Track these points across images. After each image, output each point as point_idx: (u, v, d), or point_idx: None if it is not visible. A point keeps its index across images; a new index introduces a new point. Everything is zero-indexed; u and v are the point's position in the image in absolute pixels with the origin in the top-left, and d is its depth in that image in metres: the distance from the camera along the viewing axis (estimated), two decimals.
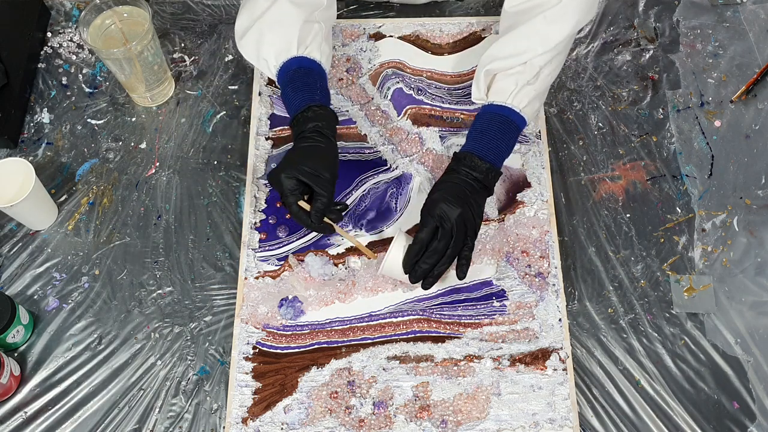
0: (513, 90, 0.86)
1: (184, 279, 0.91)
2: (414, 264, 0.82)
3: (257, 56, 0.90)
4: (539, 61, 0.86)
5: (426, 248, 0.82)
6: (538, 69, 0.86)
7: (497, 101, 0.87)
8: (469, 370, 0.85)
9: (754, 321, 0.88)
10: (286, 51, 0.88)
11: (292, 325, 0.87)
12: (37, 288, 0.91)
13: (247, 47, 0.91)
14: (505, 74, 0.87)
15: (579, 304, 0.89)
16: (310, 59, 0.89)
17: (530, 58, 0.85)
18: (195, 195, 0.97)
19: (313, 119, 0.85)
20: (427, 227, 0.82)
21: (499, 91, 0.87)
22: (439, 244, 0.81)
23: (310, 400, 0.83)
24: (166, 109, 1.03)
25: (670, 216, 0.94)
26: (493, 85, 0.88)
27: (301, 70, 0.88)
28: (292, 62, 0.88)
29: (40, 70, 1.07)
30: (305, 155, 0.84)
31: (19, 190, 0.90)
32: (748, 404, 0.84)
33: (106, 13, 0.95)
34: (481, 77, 0.89)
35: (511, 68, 0.87)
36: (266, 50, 0.89)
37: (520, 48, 0.86)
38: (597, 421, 0.83)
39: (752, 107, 1.01)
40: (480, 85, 0.89)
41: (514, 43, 0.86)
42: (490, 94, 0.88)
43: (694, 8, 1.09)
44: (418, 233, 0.83)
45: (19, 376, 0.85)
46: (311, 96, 0.86)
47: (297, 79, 0.87)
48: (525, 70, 0.86)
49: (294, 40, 0.87)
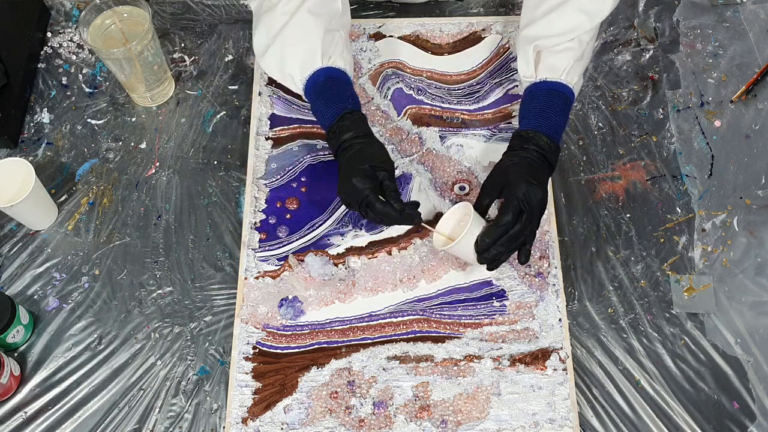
0: (566, 66, 0.86)
1: (184, 279, 0.91)
2: (490, 245, 0.80)
3: (281, 72, 0.90)
4: (586, 37, 0.87)
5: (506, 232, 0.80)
6: (585, 45, 0.87)
7: (551, 78, 0.86)
8: (469, 370, 0.85)
9: (754, 321, 0.88)
10: (310, 64, 0.87)
11: (292, 325, 0.87)
12: (37, 288, 0.91)
13: (270, 64, 0.91)
14: (554, 51, 0.87)
15: (579, 304, 0.89)
16: (335, 68, 0.88)
17: (579, 34, 0.86)
18: (195, 195, 0.97)
19: (349, 127, 0.85)
20: (513, 210, 0.80)
21: (551, 68, 0.87)
22: (522, 228, 0.80)
23: (310, 400, 0.83)
24: (166, 109, 1.03)
25: (670, 216, 0.94)
26: (542, 62, 0.88)
27: (328, 81, 0.87)
28: (319, 74, 0.87)
29: (40, 70, 1.07)
30: (362, 158, 0.83)
31: (19, 190, 0.90)
32: (748, 404, 0.84)
33: (106, 13, 0.95)
34: (530, 54, 0.88)
35: (558, 45, 0.87)
36: (290, 65, 0.88)
37: (569, 25, 0.86)
38: (597, 421, 0.83)
39: (752, 107, 1.01)
40: (529, 61, 0.88)
41: (562, 20, 0.86)
42: (540, 71, 0.87)
43: (694, 8, 1.09)
44: (502, 216, 0.79)
45: (19, 376, 0.85)
46: (343, 105, 0.86)
47: (326, 91, 0.87)
48: (574, 47, 0.86)
49: (318, 51, 0.87)
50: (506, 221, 0.79)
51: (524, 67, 0.89)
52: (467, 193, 0.95)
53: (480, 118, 1.00)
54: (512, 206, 0.80)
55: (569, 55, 0.86)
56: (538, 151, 0.83)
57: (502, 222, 0.79)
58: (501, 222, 0.79)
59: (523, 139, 0.85)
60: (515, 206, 0.80)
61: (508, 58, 1.04)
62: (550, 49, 0.87)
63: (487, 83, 1.03)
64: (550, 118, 0.85)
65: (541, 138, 0.84)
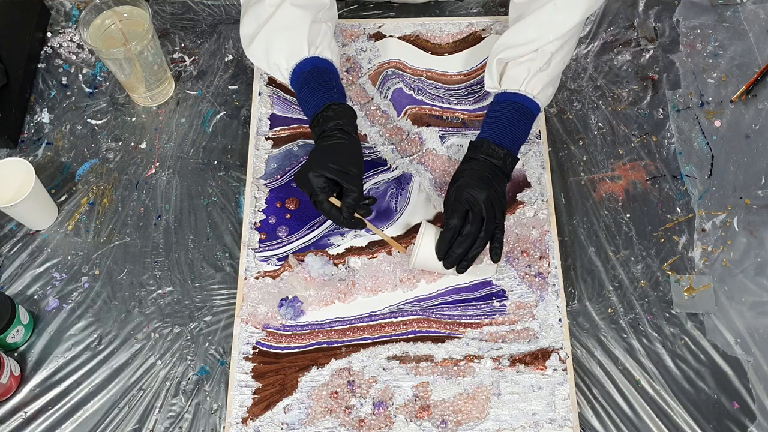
0: (526, 77, 0.87)
1: (184, 279, 0.91)
2: (447, 250, 0.82)
3: (267, 62, 0.90)
4: (550, 48, 0.87)
5: (458, 234, 0.82)
6: (549, 56, 0.87)
7: (511, 89, 0.87)
8: (469, 370, 0.85)
9: (754, 321, 0.88)
10: (297, 53, 0.88)
11: (292, 325, 0.87)
12: (37, 288, 0.91)
13: (256, 54, 0.91)
14: (517, 62, 0.88)
15: (579, 304, 0.89)
16: (322, 59, 0.88)
17: (541, 45, 0.86)
18: (195, 195, 0.97)
19: (332, 118, 0.85)
20: (458, 213, 0.82)
21: (512, 79, 0.88)
22: (472, 228, 0.81)
23: (310, 400, 0.83)
24: (166, 109, 1.03)
25: (670, 216, 0.94)
26: (506, 73, 0.89)
27: (315, 70, 0.87)
28: (305, 64, 0.88)
29: (40, 70, 1.07)
30: (330, 153, 0.84)
31: (19, 190, 0.91)
32: (748, 404, 0.84)
33: (106, 13, 0.95)
34: (494, 66, 0.89)
35: (522, 56, 0.87)
36: (276, 55, 0.88)
37: (531, 36, 0.86)
38: (597, 421, 0.83)
39: (752, 107, 1.01)
40: (492, 73, 0.90)
41: (525, 31, 0.87)
42: (503, 82, 0.89)
43: (694, 8, 1.09)
44: (449, 219, 0.82)
45: (19, 376, 0.85)
46: (329, 95, 0.86)
47: (312, 80, 0.87)
48: (537, 57, 0.87)
49: (304, 41, 0.87)
50: (453, 224, 0.82)
51: (488, 78, 0.91)
52: None
53: (480, 118, 1.00)
54: (456, 208, 0.82)
55: (531, 66, 0.87)
56: (486, 159, 0.85)
57: (450, 225, 0.82)
58: (449, 225, 0.82)
59: (473, 149, 0.87)
60: (459, 208, 0.82)
61: None
62: (516, 60, 0.88)
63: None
64: (504, 128, 0.86)
65: (490, 146, 0.85)
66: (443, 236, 0.82)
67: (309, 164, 0.84)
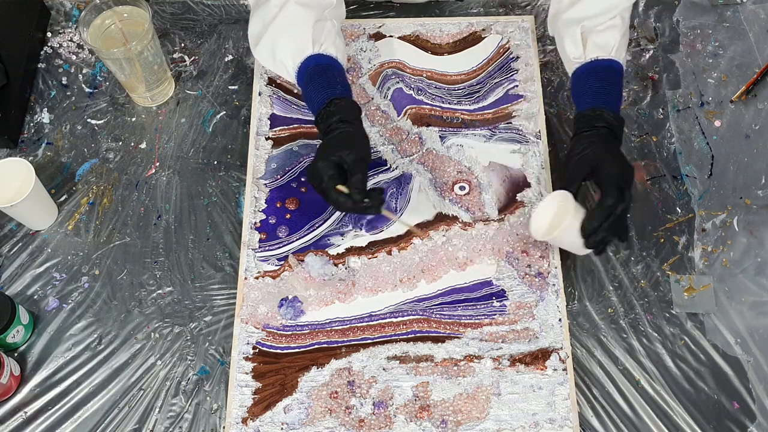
0: (614, 44, 0.88)
1: (184, 279, 0.91)
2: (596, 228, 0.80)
3: (273, 61, 0.90)
4: (627, 14, 0.89)
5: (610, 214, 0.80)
6: (627, 21, 0.90)
7: (602, 56, 0.88)
8: (469, 370, 0.85)
9: (754, 321, 0.88)
10: (301, 51, 0.88)
11: (292, 325, 0.87)
12: (37, 288, 0.91)
13: (262, 54, 0.91)
14: (598, 30, 0.88)
15: (579, 304, 0.89)
16: (326, 56, 0.88)
17: (620, 11, 0.88)
18: (195, 195, 0.97)
19: (336, 112, 0.85)
20: (616, 191, 0.79)
21: (600, 47, 0.88)
22: (627, 207, 0.80)
23: (310, 400, 0.83)
24: (166, 109, 1.03)
25: (670, 216, 0.94)
26: (590, 41, 0.89)
27: (319, 67, 0.87)
28: (309, 61, 0.88)
29: (40, 70, 1.07)
30: (335, 143, 0.83)
31: (19, 190, 0.91)
32: (748, 404, 0.84)
33: (106, 13, 0.95)
34: (578, 35, 0.89)
35: (603, 23, 0.88)
36: (281, 53, 0.88)
37: (610, 3, 0.88)
38: (597, 421, 0.83)
39: (752, 107, 1.01)
40: (577, 42, 0.89)
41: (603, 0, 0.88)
42: (590, 50, 0.88)
43: (694, 8, 1.09)
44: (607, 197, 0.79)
45: (19, 376, 0.85)
46: (332, 91, 0.86)
47: (316, 77, 0.87)
48: (618, 24, 0.88)
49: (308, 39, 0.87)
50: (611, 203, 0.79)
51: (573, 48, 0.90)
52: (467, 192, 0.95)
53: (480, 118, 1.00)
54: (614, 187, 0.80)
55: (615, 32, 0.88)
56: (608, 128, 0.84)
57: (608, 204, 0.79)
58: (607, 204, 0.79)
59: (590, 119, 0.85)
60: (617, 185, 0.80)
61: (508, 58, 1.04)
62: (595, 28, 0.89)
63: (487, 83, 1.03)
64: (612, 94, 0.86)
65: (608, 114, 0.85)
66: (598, 214, 0.79)
67: (317, 155, 0.84)
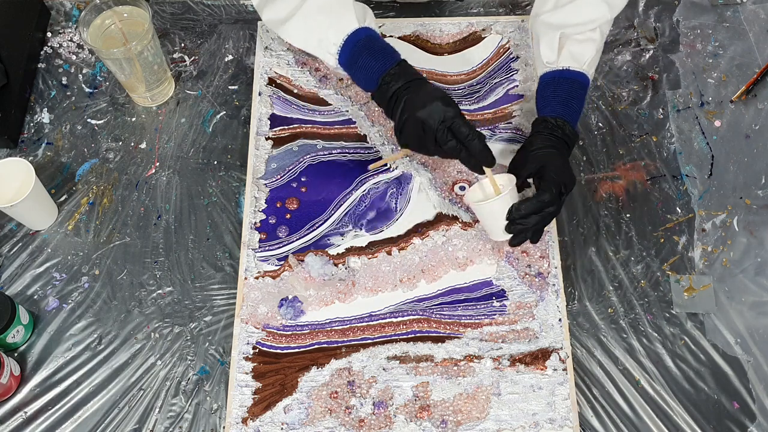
0: (588, 58, 0.88)
1: (184, 279, 0.91)
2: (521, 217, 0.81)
3: (308, 37, 0.89)
4: (606, 28, 0.90)
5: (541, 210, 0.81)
6: (604, 37, 0.90)
7: (574, 67, 0.88)
8: (469, 370, 0.85)
9: (754, 321, 0.88)
10: (346, 26, 0.87)
11: (292, 325, 0.87)
12: (37, 288, 0.91)
13: (293, 32, 0.90)
14: (576, 40, 0.89)
15: (579, 304, 0.89)
16: (373, 29, 0.88)
17: (600, 24, 0.88)
18: (195, 195, 0.97)
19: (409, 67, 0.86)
20: (554, 191, 0.80)
21: (574, 57, 0.88)
22: (556, 211, 0.81)
23: (310, 400, 0.83)
24: (166, 109, 1.03)
25: (670, 216, 0.94)
26: (564, 49, 0.89)
27: (368, 39, 0.87)
28: (359, 32, 0.87)
29: (40, 70, 1.07)
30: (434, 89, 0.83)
31: (19, 190, 0.91)
32: (748, 404, 0.84)
33: (106, 13, 0.95)
34: (556, 41, 0.89)
35: (580, 34, 0.88)
36: (321, 29, 0.88)
37: (592, 15, 0.88)
38: (597, 421, 0.83)
39: (752, 107, 1.01)
40: (554, 48, 0.89)
41: (586, 9, 0.88)
42: (564, 59, 0.89)
43: (694, 8, 1.09)
44: (544, 192, 0.80)
45: (19, 376, 0.85)
46: (393, 56, 0.86)
47: (370, 46, 0.86)
48: (596, 37, 0.89)
49: (352, 15, 0.87)
50: (545, 199, 0.80)
51: (548, 53, 0.90)
52: None
53: (480, 118, 1.00)
54: (554, 186, 0.81)
55: (591, 46, 0.88)
56: (564, 140, 0.85)
57: (543, 198, 0.80)
58: (541, 198, 0.80)
59: (551, 126, 0.86)
60: (557, 187, 0.81)
61: (508, 58, 1.04)
62: (573, 37, 0.89)
63: (487, 83, 1.03)
64: (574, 108, 0.87)
65: (567, 126, 0.86)
66: (530, 203, 0.80)
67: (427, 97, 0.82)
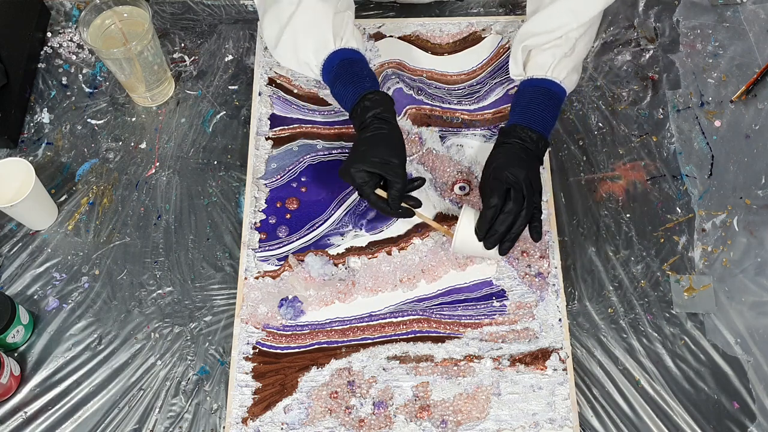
0: (551, 63, 0.88)
1: (184, 279, 0.91)
2: (488, 230, 0.82)
3: (297, 60, 0.91)
4: (574, 35, 0.89)
5: (499, 213, 0.82)
6: (573, 42, 0.89)
7: (537, 75, 0.89)
8: (469, 370, 0.85)
9: (754, 321, 0.88)
10: (324, 48, 0.88)
11: (292, 325, 0.87)
12: (37, 288, 0.91)
13: (285, 56, 0.92)
14: (542, 49, 0.89)
15: (579, 304, 0.89)
16: (349, 49, 0.89)
17: (566, 32, 0.88)
18: (195, 195, 0.97)
19: (370, 108, 0.85)
20: (498, 192, 0.82)
21: (537, 66, 0.89)
22: (514, 206, 0.81)
23: (310, 400, 0.83)
24: (166, 109, 1.03)
25: (670, 216, 0.94)
26: (531, 60, 0.90)
27: (344, 63, 0.88)
28: (333, 57, 0.88)
29: (40, 70, 1.07)
30: (371, 145, 0.84)
31: (19, 190, 0.91)
32: (748, 404, 0.84)
33: (106, 13, 0.95)
34: (519, 53, 0.90)
35: (546, 43, 0.89)
36: (304, 52, 0.89)
37: (556, 24, 0.88)
38: (597, 421, 0.83)
39: (752, 107, 1.01)
40: (518, 60, 0.91)
41: (549, 19, 0.88)
42: (529, 69, 0.90)
43: (694, 8, 1.09)
44: (489, 199, 0.82)
45: (19, 376, 0.85)
46: (362, 85, 0.87)
47: (342, 73, 0.87)
48: (561, 44, 0.88)
49: (329, 35, 0.87)
50: (494, 203, 0.82)
51: (513, 65, 0.93)
52: (467, 193, 0.95)
53: (480, 118, 1.00)
54: (496, 187, 0.82)
55: (555, 52, 0.89)
56: (519, 143, 0.86)
57: (491, 204, 0.82)
58: (489, 204, 0.82)
59: (504, 134, 0.88)
60: (499, 187, 0.82)
61: (508, 58, 1.04)
62: (539, 47, 0.90)
63: (487, 83, 1.03)
64: (534, 112, 0.87)
65: (522, 130, 0.86)
66: (484, 215, 0.82)
67: (351, 159, 0.84)
